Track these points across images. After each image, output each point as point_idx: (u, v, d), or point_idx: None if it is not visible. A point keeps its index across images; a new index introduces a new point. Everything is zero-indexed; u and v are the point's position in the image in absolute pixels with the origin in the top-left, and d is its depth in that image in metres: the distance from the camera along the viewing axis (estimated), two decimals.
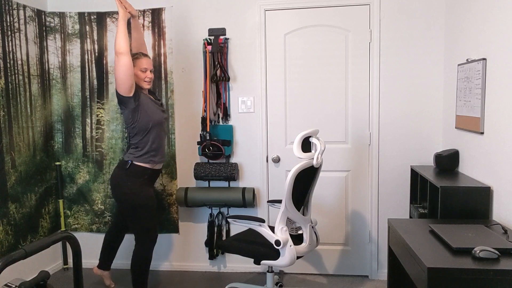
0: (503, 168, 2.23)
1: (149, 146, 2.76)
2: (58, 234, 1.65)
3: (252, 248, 2.67)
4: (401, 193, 3.27)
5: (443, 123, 3.17)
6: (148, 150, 2.76)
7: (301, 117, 3.34)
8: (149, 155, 2.77)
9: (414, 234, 2.04)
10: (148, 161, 2.77)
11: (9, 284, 1.63)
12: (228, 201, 3.29)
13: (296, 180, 2.47)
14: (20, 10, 3.19)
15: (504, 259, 1.71)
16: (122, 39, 2.57)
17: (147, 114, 2.71)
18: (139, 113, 2.69)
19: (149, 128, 2.73)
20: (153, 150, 2.78)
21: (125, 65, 2.56)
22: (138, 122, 2.70)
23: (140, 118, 2.69)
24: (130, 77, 2.58)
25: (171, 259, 3.61)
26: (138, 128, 2.71)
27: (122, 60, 2.55)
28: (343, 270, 3.42)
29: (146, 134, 2.74)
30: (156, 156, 2.81)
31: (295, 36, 3.29)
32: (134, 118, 2.69)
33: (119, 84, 2.59)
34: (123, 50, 2.55)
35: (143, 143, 2.75)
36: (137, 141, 2.75)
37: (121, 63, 2.56)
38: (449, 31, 3.04)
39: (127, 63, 2.56)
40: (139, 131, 2.73)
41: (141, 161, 2.76)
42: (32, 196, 3.31)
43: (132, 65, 2.60)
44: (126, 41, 2.58)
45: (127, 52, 2.56)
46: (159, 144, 2.83)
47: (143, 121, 2.70)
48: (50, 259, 3.57)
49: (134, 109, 2.68)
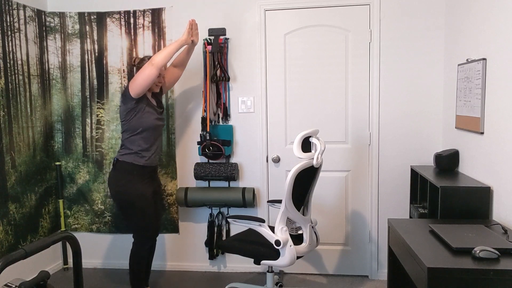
0: (503, 168, 2.23)
1: (135, 146, 2.82)
2: (58, 234, 1.65)
3: (252, 248, 2.67)
4: (401, 193, 3.27)
5: (443, 123, 3.17)
6: (135, 150, 2.82)
7: (301, 117, 3.34)
8: (136, 154, 2.82)
9: (414, 234, 2.04)
10: (133, 159, 2.82)
11: (9, 284, 1.63)
12: (228, 201, 3.29)
13: (296, 180, 2.47)
14: (20, 10, 3.19)
15: (504, 259, 1.71)
16: (164, 56, 2.69)
17: (139, 118, 2.78)
18: (134, 114, 2.77)
19: (138, 131, 2.80)
20: (140, 151, 2.82)
21: (150, 76, 2.66)
22: (129, 122, 2.79)
23: (132, 119, 2.78)
24: (147, 86, 2.70)
25: (171, 259, 3.61)
26: (127, 126, 2.80)
27: (150, 71, 2.66)
28: (343, 270, 3.42)
29: (134, 134, 2.81)
30: (143, 157, 2.83)
31: (295, 36, 3.29)
32: (127, 117, 2.78)
33: (134, 86, 2.69)
34: (157, 64, 2.67)
35: (130, 141, 2.82)
36: (125, 138, 2.84)
37: (148, 72, 2.66)
38: (449, 31, 3.04)
39: (152, 75, 2.67)
40: (127, 129, 2.82)
41: (126, 158, 2.82)
42: (32, 196, 3.31)
43: (155, 79, 2.70)
44: (167, 60, 2.71)
45: (159, 67, 2.68)
46: (148, 147, 2.85)
47: (134, 123, 2.78)
48: (50, 259, 3.57)
49: (131, 109, 2.76)
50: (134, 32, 3.44)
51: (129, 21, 3.44)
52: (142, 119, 2.78)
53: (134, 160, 2.81)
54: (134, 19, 3.43)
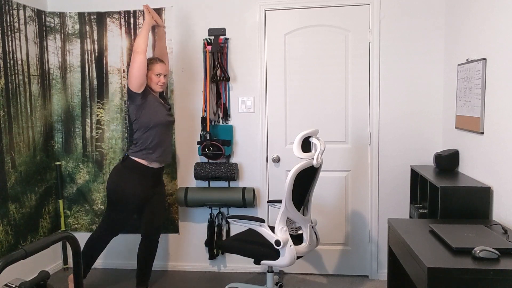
0: (503, 168, 2.23)
1: (147, 143, 2.85)
2: (58, 234, 1.65)
3: (252, 248, 2.67)
4: (401, 193, 3.27)
5: (443, 123, 3.17)
6: (146, 146, 2.85)
7: (301, 117, 3.34)
8: (146, 151, 2.85)
9: (414, 234, 2.04)
10: (144, 157, 2.85)
11: (9, 284, 1.63)
12: (228, 201, 3.29)
13: (296, 180, 2.47)
14: (20, 10, 3.19)
15: (504, 259, 1.71)
16: (142, 40, 2.78)
17: (150, 113, 2.83)
18: (143, 111, 2.82)
19: (150, 127, 2.83)
20: (151, 148, 2.85)
21: (139, 63, 2.74)
22: (140, 119, 2.82)
23: (142, 115, 2.82)
24: (142, 75, 2.76)
25: (171, 259, 3.61)
26: (139, 124, 2.84)
27: (138, 58, 2.75)
28: (343, 270, 3.42)
29: (147, 131, 2.84)
30: (153, 154, 2.87)
31: (295, 36, 3.29)
32: (138, 114, 2.82)
33: (131, 80, 2.76)
34: (140, 49, 2.76)
35: (142, 139, 2.85)
36: (137, 137, 2.87)
37: (136, 61, 2.75)
38: (449, 31, 3.04)
39: (141, 61, 2.75)
40: (140, 127, 2.85)
41: (137, 156, 2.86)
42: (32, 196, 3.31)
43: (146, 64, 2.78)
44: (145, 43, 2.79)
45: (143, 52, 2.77)
46: (159, 144, 2.88)
47: (145, 119, 2.82)
48: (50, 259, 3.57)
49: (140, 105, 2.81)
50: (134, 32, 3.44)
51: (129, 21, 3.44)
52: (152, 115, 2.82)
53: (144, 158, 2.84)
54: (134, 19, 3.43)
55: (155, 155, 2.87)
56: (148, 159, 2.85)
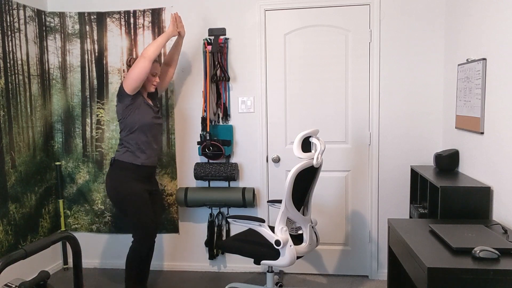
0: (503, 168, 2.23)
1: (133, 145, 2.84)
2: (58, 234, 1.65)
3: (252, 248, 2.67)
4: (401, 193, 3.27)
5: (443, 123, 3.17)
6: (132, 149, 2.84)
7: (301, 117, 3.34)
8: (133, 153, 2.84)
9: (414, 234, 2.04)
10: (132, 159, 2.84)
11: (9, 284, 1.63)
12: (228, 201, 3.29)
13: (296, 180, 2.47)
14: (20, 10, 3.19)
15: (504, 259, 1.71)
16: (154, 48, 2.75)
17: (136, 115, 2.81)
18: (130, 111, 2.80)
19: (135, 129, 2.82)
20: (135, 150, 2.84)
21: (142, 68, 2.70)
22: (126, 119, 2.81)
23: (128, 116, 2.80)
24: (141, 80, 2.73)
25: (171, 259, 3.61)
26: (124, 124, 2.83)
27: (143, 63, 2.71)
28: (343, 270, 3.42)
29: (131, 133, 2.83)
30: (140, 157, 2.85)
31: (295, 36, 3.29)
32: (124, 114, 2.81)
33: (127, 81, 2.72)
34: (148, 57, 2.72)
35: (127, 140, 2.85)
36: (123, 137, 2.87)
37: (140, 65, 2.71)
38: (449, 31, 3.04)
39: (145, 67, 2.71)
40: (125, 128, 2.84)
41: (123, 157, 2.84)
42: (32, 196, 3.31)
43: (148, 72, 2.74)
44: (157, 52, 2.76)
45: (150, 60, 2.73)
46: (145, 146, 2.86)
47: (131, 120, 2.81)
48: (50, 259, 3.57)
49: (127, 106, 2.79)
50: (134, 32, 3.44)
51: (129, 21, 3.44)
52: (138, 116, 2.80)
53: (131, 160, 2.82)
54: (134, 19, 3.43)
55: (140, 159, 2.84)
56: (135, 161, 2.83)
